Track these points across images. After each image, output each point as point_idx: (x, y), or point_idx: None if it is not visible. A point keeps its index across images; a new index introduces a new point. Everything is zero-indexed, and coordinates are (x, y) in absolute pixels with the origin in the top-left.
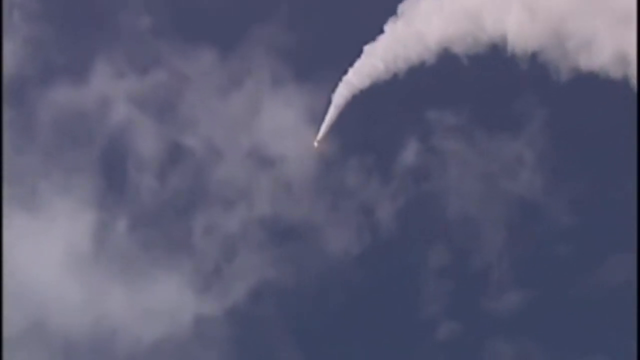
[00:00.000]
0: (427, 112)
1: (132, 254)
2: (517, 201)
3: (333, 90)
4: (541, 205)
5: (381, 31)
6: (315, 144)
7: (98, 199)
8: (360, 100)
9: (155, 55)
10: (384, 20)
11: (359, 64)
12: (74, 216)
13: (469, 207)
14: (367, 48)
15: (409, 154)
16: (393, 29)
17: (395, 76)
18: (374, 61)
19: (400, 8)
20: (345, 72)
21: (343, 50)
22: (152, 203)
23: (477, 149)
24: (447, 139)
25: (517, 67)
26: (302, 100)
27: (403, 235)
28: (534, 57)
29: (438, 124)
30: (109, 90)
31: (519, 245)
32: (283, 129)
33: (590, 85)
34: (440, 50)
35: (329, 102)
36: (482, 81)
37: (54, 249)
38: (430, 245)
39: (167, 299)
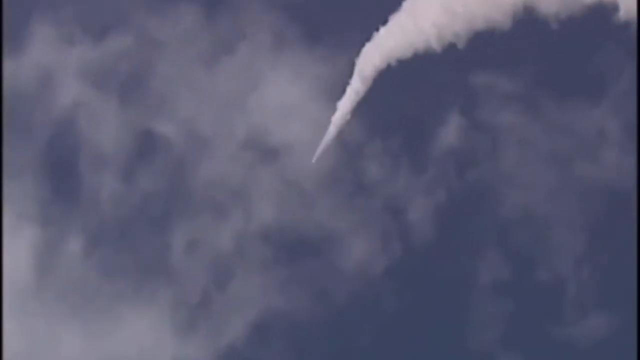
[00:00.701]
0: (472, 76)
1: (88, 283)
2: (598, 191)
3: (355, 56)
4: (631, 196)
5: None
6: (314, 159)
7: (41, 209)
8: (392, 68)
9: (117, 14)
10: None
11: (390, 22)
12: (9, 233)
13: (533, 200)
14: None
15: (449, 132)
16: None
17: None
18: (408, 19)
19: None
20: (371, 32)
21: (369, 4)
22: (116, 213)
23: (543, 122)
24: (500, 111)
25: (594, 13)
26: (313, 69)
27: (444, 242)
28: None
29: (488, 91)
30: (53, 61)
31: (603, 252)
32: (288, 108)
33: None
34: None
35: (348, 72)
36: (547, 34)
37: None
38: (480, 254)
39: (138, 343)
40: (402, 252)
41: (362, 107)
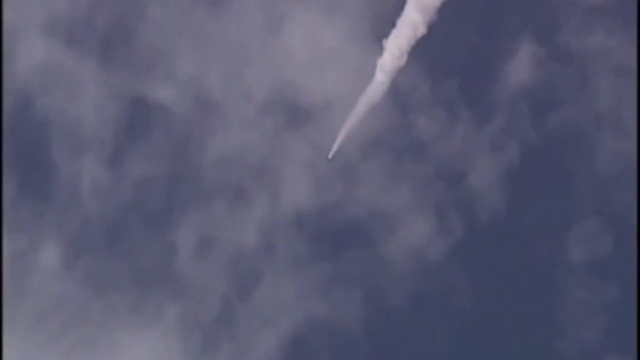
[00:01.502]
0: None
1: (71, 303)
2: None
3: None
4: None
5: None
6: (330, 155)
7: (4, 211)
8: None
9: None
10: None
11: None
12: None
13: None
14: None
15: (520, 66)
16: None
17: None
18: None
19: None
20: None
21: None
22: (102, 210)
23: None
24: (588, 32)
25: None
26: (350, 1)
27: (519, 214)
28: None
29: (570, 5)
30: (12, 14)
31: None
32: (321, 55)
33: None
34: None
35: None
36: None
37: None
38: (570, 226)
39: None
40: (464, 231)
41: (417, 46)
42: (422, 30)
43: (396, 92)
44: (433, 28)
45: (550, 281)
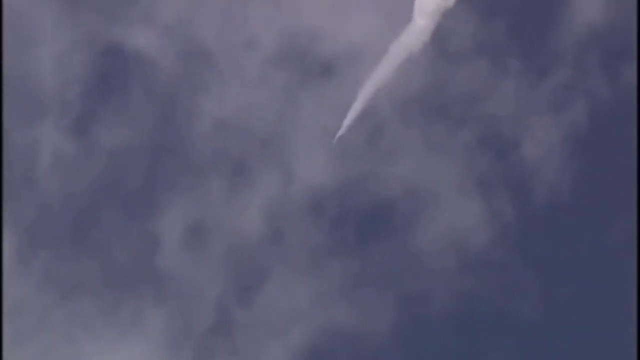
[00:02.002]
0: None
1: (27, 309)
2: None
3: None
4: None
5: None
6: (337, 136)
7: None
8: None
9: None
10: None
11: None
12: None
13: None
14: None
15: (588, 4)
16: None
17: None
18: None
19: None
20: None
21: None
22: (65, 191)
23: None
24: None
25: None
26: None
27: (586, 197)
28: None
29: None
30: None
31: None
32: None
33: None
34: None
35: None
36: None
37: None
38: None
39: None
40: (516, 214)
41: None
42: None
43: (438, 40)
44: None
45: (628, 274)
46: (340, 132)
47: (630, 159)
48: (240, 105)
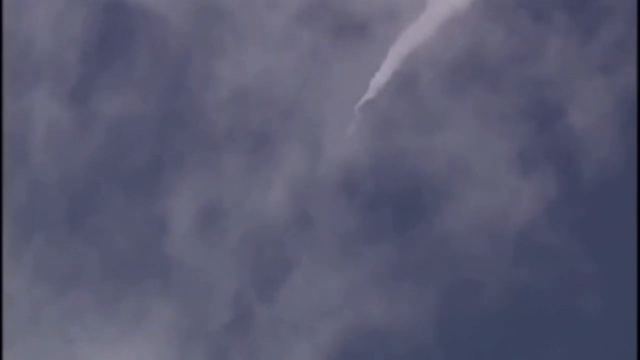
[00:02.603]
0: None
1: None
2: None
3: None
4: None
5: None
6: (357, 107)
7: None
8: None
9: None
10: None
11: None
12: None
13: None
14: None
15: None
16: None
17: None
18: None
19: None
20: None
21: None
22: (61, 171)
23: None
24: None
25: None
26: None
27: None
28: None
29: None
30: None
31: None
32: None
33: None
34: None
35: None
36: None
37: None
38: None
39: None
40: (564, 192)
41: None
42: None
43: None
44: None
45: None
46: (368, 96)
47: None
48: (261, 70)
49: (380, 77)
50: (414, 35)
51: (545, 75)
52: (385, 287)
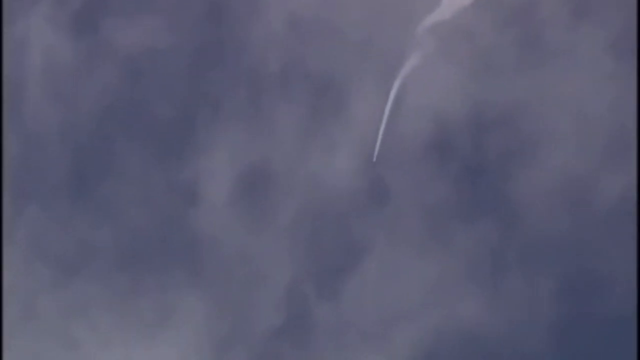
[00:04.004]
0: None
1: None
2: None
3: None
4: None
5: None
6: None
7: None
8: None
9: None
10: None
11: None
12: None
13: None
14: None
15: None
16: None
17: None
18: None
19: None
20: None
21: None
22: (65, 119)
23: None
24: None
25: None
26: None
27: None
28: None
29: None
30: None
31: None
32: None
33: None
34: None
35: None
36: None
37: None
38: None
39: None
40: None
41: None
42: None
43: None
44: None
45: None
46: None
47: None
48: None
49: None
50: None
51: None
52: (484, 280)
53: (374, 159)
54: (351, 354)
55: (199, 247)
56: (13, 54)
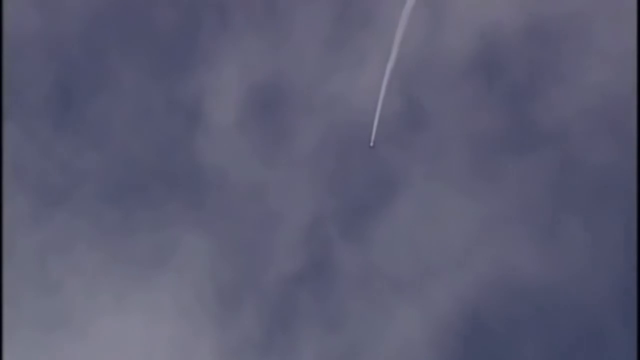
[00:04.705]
0: None
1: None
2: None
3: None
4: None
5: None
6: (372, 143)
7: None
8: None
9: None
10: None
11: None
12: None
13: None
14: None
15: None
16: None
17: None
18: None
19: None
20: None
21: None
22: (52, 34)
23: None
24: None
25: None
26: None
27: None
28: None
29: None
30: None
31: None
32: None
33: None
34: None
35: None
36: None
37: None
38: None
39: None
40: None
41: None
42: None
43: None
44: None
45: None
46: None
47: None
48: None
49: None
50: None
51: None
52: (539, 224)
53: (371, 144)
54: (380, 306)
55: (203, 177)
56: None
